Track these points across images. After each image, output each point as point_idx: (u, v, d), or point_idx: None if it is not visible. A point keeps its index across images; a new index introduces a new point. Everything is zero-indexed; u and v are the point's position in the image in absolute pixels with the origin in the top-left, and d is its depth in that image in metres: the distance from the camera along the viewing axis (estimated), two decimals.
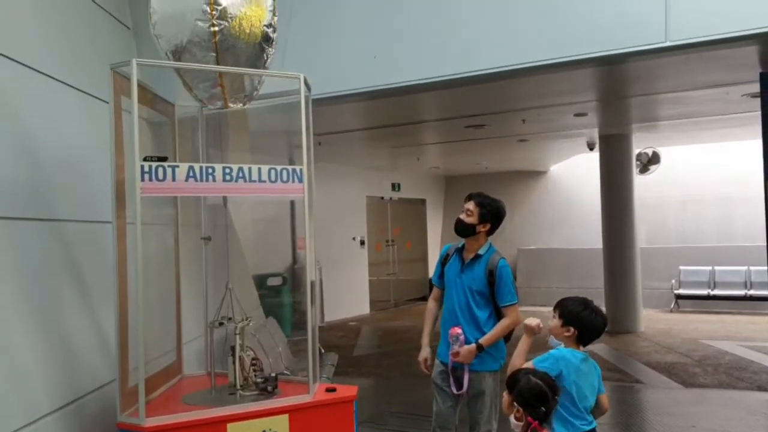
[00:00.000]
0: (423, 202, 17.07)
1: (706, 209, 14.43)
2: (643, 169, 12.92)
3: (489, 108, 8.12)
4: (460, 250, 4.19)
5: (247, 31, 3.70)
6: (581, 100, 7.74)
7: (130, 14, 6.20)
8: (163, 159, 3.43)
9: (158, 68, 4.16)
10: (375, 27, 5.60)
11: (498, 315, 4.05)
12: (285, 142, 7.73)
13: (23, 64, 4.16)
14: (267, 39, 3.84)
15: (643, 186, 12.57)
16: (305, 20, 5.77)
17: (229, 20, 3.59)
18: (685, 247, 14.06)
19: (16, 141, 3.98)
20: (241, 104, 4.09)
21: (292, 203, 10.32)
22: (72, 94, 4.70)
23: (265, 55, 3.90)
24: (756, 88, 5.96)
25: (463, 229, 4.12)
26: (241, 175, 3.64)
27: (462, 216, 4.12)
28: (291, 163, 6.30)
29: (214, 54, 3.63)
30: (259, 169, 3.68)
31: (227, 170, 3.60)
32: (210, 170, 3.56)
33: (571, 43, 4.74)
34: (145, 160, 3.37)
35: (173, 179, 3.43)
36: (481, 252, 4.08)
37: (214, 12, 3.55)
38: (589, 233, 13.70)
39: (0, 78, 3.95)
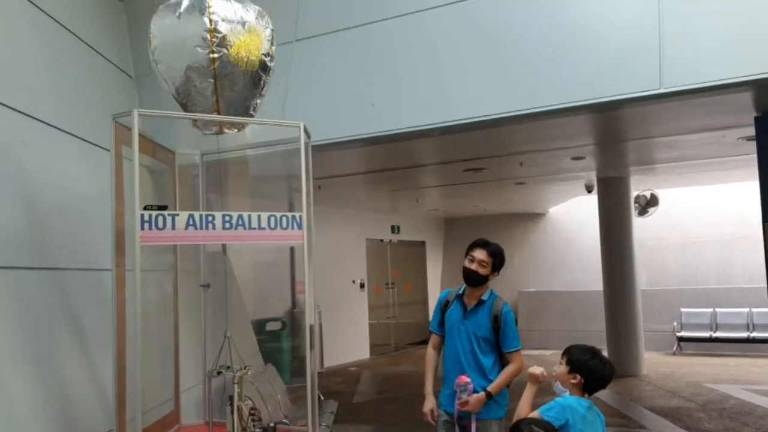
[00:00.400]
0: (423, 244, 17.06)
1: (706, 251, 14.42)
2: (642, 211, 12.96)
3: (487, 152, 8.18)
4: (460, 296, 4.16)
5: (245, 59, 3.74)
6: (578, 144, 7.80)
7: (132, 63, 6.30)
8: (163, 208, 3.46)
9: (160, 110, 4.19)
10: (373, 75, 5.68)
11: (502, 361, 4.02)
12: (285, 186, 7.78)
13: (25, 114, 4.22)
14: (264, 67, 3.89)
15: (642, 228, 12.59)
16: (305, 69, 5.86)
17: (228, 48, 3.64)
18: (685, 289, 14.01)
19: (17, 190, 4.01)
20: (236, 129, 4.09)
21: (292, 248, 10.32)
22: (73, 143, 4.75)
23: (262, 82, 3.95)
24: (751, 131, 6.02)
25: (476, 280, 4.08)
26: (240, 222, 3.66)
27: (474, 266, 4.06)
28: (291, 206, 6.35)
29: (213, 80, 3.67)
30: (259, 216, 3.71)
31: (227, 218, 3.63)
32: (210, 218, 3.58)
33: (566, 91, 4.81)
34: (145, 209, 3.39)
35: (173, 228, 3.45)
36: (484, 298, 4.06)
37: (214, 39, 3.60)
38: (590, 275, 13.67)
39: (4, 128, 4.00)
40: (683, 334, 13.29)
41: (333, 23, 5.86)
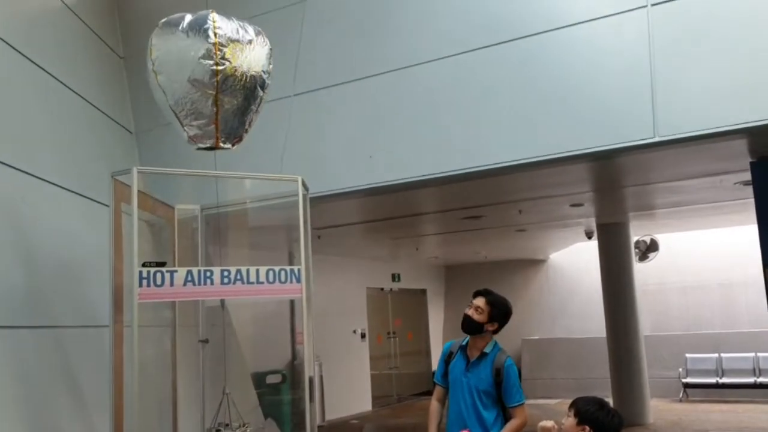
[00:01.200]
0: (423, 292, 16.97)
1: (709, 295, 14.32)
2: (642, 256, 12.94)
3: (485, 200, 8.20)
4: (464, 348, 4.11)
5: (246, 73, 3.77)
6: (576, 191, 7.82)
7: (133, 118, 6.38)
8: (162, 264, 3.46)
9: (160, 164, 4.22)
10: (370, 127, 5.75)
11: (505, 415, 3.96)
12: (284, 236, 7.79)
13: (24, 171, 4.25)
14: (263, 84, 3.93)
15: (643, 273, 12.54)
16: (302, 122, 5.94)
17: (231, 61, 3.68)
18: (689, 334, 13.87)
19: (15, 247, 4.02)
20: (230, 145, 4.07)
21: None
22: (72, 199, 4.77)
23: (259, 99, 3.99)
24: (748, 176, 6.04)
25: (470, 327, 4.03)
26: (239, 277, 3.66)
27: (470, 312, 4.03)
28: (291, 256, 6.34)
29: (214, 93, 3.68)
30: (257, 270, 3.70)
31: (225, 273, 3.62)
32: (208, 274, 3.57)
33: (562, 140, 4.86)
34: (143, 265, 3.39)
35: (171, 284, 3.44)
36: (486, 350, 4.00)
37: (218, 52, 3.63)
38: (593, 322, 13.54)
39: (4, 186, 4.02)
40: (689, 380, 13.10)
41: (330, 78, 5.95)
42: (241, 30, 3.74)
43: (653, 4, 4.66)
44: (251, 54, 3.79)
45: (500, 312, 4.03)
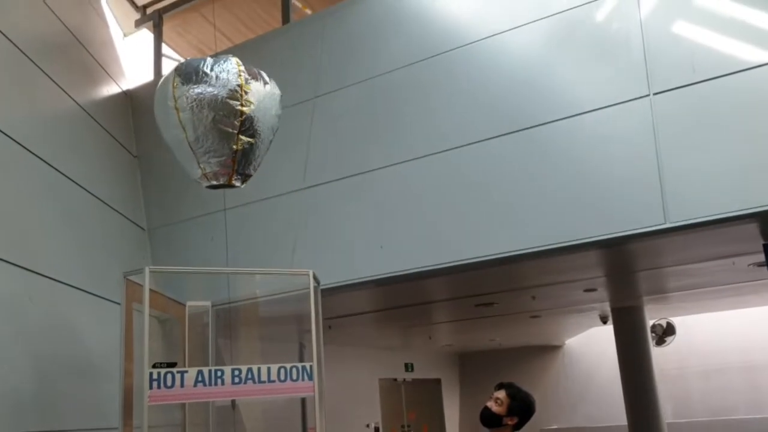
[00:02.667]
0: (438, 381, 16.59)
1: (731, 379, 13.93)
2: (660, 341, 12.68)
3: (497, 287, 8.13)
4: None
5: (264, 115, 3.87)
6: (589, 276, 7.76)
7: (145, 215, 6.46)
8: (172, 365, 3.41)
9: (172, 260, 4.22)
10: (380, 218, 5.78)
11: None
12: (295, 328, 7.71)
13: (36, 272, 4.27)
14: (275, 126, 4.03)
15: (662, 357, 12.25)
16: (313, 214, 5.98)
17: (253, 103, 3.77)
18: (714, 421, 13.40)
19: (24, 349, 3.99)
20: (241, 183, 4.10)
21: None
22: (84, 298, 4.77)
23: (269, 142, 4.06)
24: (761, 257, 5.99)
25: (488, 418, 3.88)
26: (250, 376, 3.60)
27: (489, 403, 3.92)
28: (301, 347, 6.23)
29: (236, 132, 3.76)
30: (269, 369, 3.65)
31: (236, 372, 3.57)
32: (219, 373, 3.52)
33: (571, 229, 4.86)
34: (154, 366, 3.34)
35: (182, 385, 3.38)
36: None
37: (244, 93, 3.72)
38: (613, 408, 13.13)
39: (12, 287, 4.03)
40: None
41: (339, 170, 6.04)
42: (258, 74, 3.88)
43: (655, 93, 4.76)
44: (268, 97, 3.91)
45: (521, 405, 3.90)
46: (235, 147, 3.82)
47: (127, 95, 7.22)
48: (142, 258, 4.98)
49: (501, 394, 3.90)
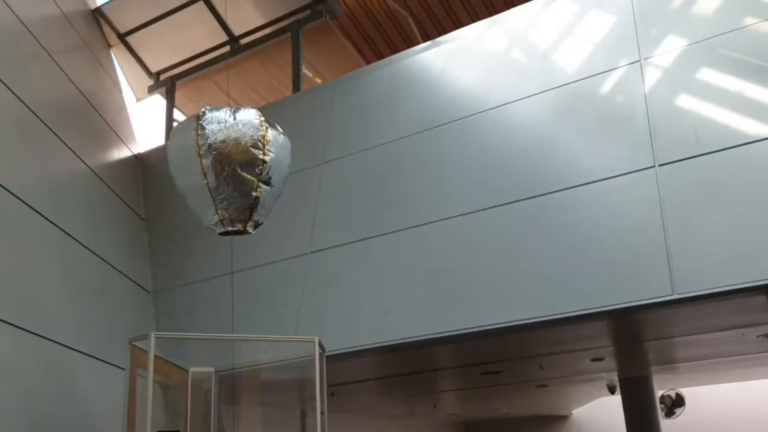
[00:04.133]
0: None
1: None
2: (669, 412, 12.40)
3: (503, 356, 8.04)
4: None
5: (280, 166, 3.94)
6: (596, 346, 7.67)
7: (151, 278, 6.46)
8: None
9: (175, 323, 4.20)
10: (385, 284, 5.77)
11: None
12: (296, 395, 7.59)
13: (41, 336, 4.25)
14: (286, 177, 4.12)
15: (672, 428, 11.96)
16: (318, 280, 5.98)
17: (273, 153, 3.84)
18: None
19: (28, 414, 3.93)
20: (253, 230, 4.10)
21: None
22: (85, 362, 4.73)
23: (280, 192, 4.11)
24: None
25: None
26: None
27: None
28: (303, 415, 6.13)
29: (256, 180, 3.81)
30: None
31: None
32: None
33: (577, 299, 4.84)
34: None
35: None
36: None
37: (266, 144, 3.80)
38: None
39: (17, 349, 4.00)
40: None
41: (345, 236, 6.07)
42: (276, 128, 3.96)
43: (660, 165, 4.81)
44: (283, 148, 4.00)
45: None
46: (254, 194, 3.87)
47: (137, 159, 7.32)
48: (147, 321, 4.96)
49: None
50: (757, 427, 13.29)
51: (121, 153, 6.91)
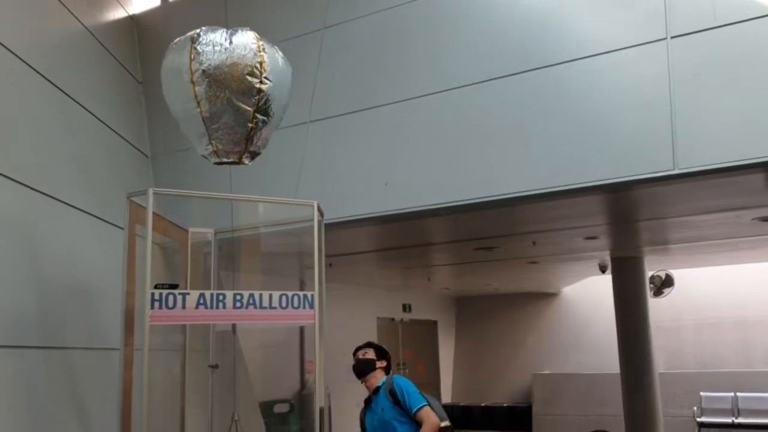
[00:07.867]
0: (434, 323, 16.80)
1: (724, 333, 14.08)
2: (657, 292, 12.75)
3: (498, 231, 8.14)
4: (367, 400, 4.42)
5: (279, 94, 3.81)
6: (591, 224, 7.75)
7: (149, 142, 6.41)
8: (174, 286, 3.43)
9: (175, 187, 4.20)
10: (385, 155, 5.74)
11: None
12: (296, 263, 7.75)
13: (39, 191, 4.26)
14: (286, 105, 4.02)
15: (658, 308, 12.35)
16: (318, 149, 5.94)
17: (271, 81, 3.68)
18: (705, 373, 13.61)
19: (28, 268, 4.01)
20: (250, 161, 4.05)
21: (302, 326, 10.17)
22: (87, 220, 4.78)
23: (279, 120, 4.06)
24: (766, 212, 5.98)
25: (364, 365, 4.39)
26: (251, 301, 3.62)
27: (359, 355, 4.42)
28: (302, 283, 6.26)
29: (252, 110, 3.67)
30: (270, 295, 3.67)
31: (238, 297, 3.59)
32: (220, 297, 3.54)
33: (578, 171, 4.82)
34: (156, 287, 3.36)
35: (183, 307, 3.41)
36: (378, 384, 4.29)
37: (263, 71, 3.63)
38: (606, 357, 13.31)
39: (15, 206, 4.02)
40: (704, 419, 12.83)
41: (346, 105, 5.97)
42: (275, 51, 3.77)
43: (673, 36, 4.65)
44: (283, 74, 3.80)
45: (384, 352, 4.52)
46: (250, 125, 3.72)
47: (133, 20, 7.08)
48: (145, 184, 4.95)
49: (369, 350, 4.42)
50: (738, 311, 13.75)
51: (117, 13, 6.67)
